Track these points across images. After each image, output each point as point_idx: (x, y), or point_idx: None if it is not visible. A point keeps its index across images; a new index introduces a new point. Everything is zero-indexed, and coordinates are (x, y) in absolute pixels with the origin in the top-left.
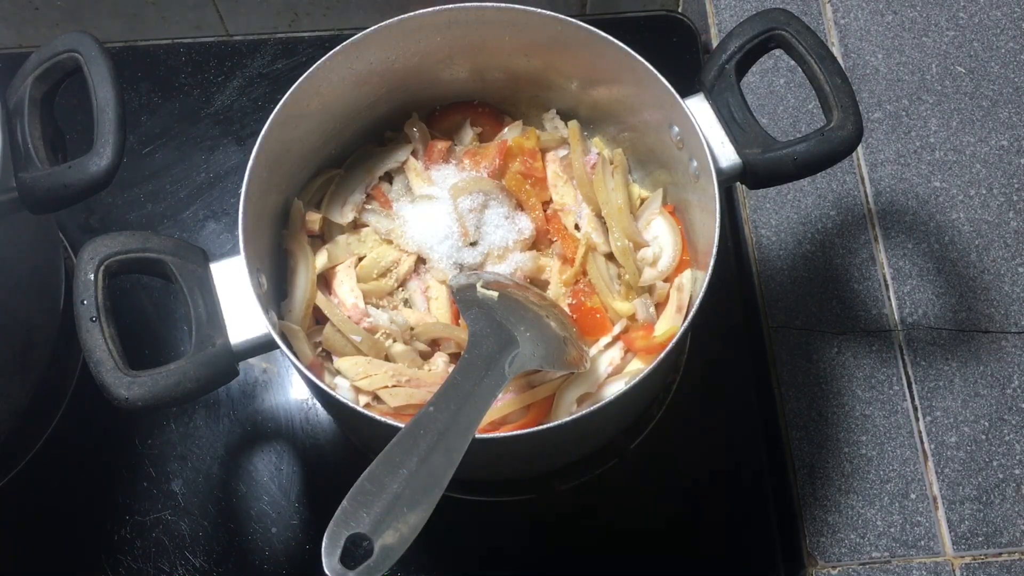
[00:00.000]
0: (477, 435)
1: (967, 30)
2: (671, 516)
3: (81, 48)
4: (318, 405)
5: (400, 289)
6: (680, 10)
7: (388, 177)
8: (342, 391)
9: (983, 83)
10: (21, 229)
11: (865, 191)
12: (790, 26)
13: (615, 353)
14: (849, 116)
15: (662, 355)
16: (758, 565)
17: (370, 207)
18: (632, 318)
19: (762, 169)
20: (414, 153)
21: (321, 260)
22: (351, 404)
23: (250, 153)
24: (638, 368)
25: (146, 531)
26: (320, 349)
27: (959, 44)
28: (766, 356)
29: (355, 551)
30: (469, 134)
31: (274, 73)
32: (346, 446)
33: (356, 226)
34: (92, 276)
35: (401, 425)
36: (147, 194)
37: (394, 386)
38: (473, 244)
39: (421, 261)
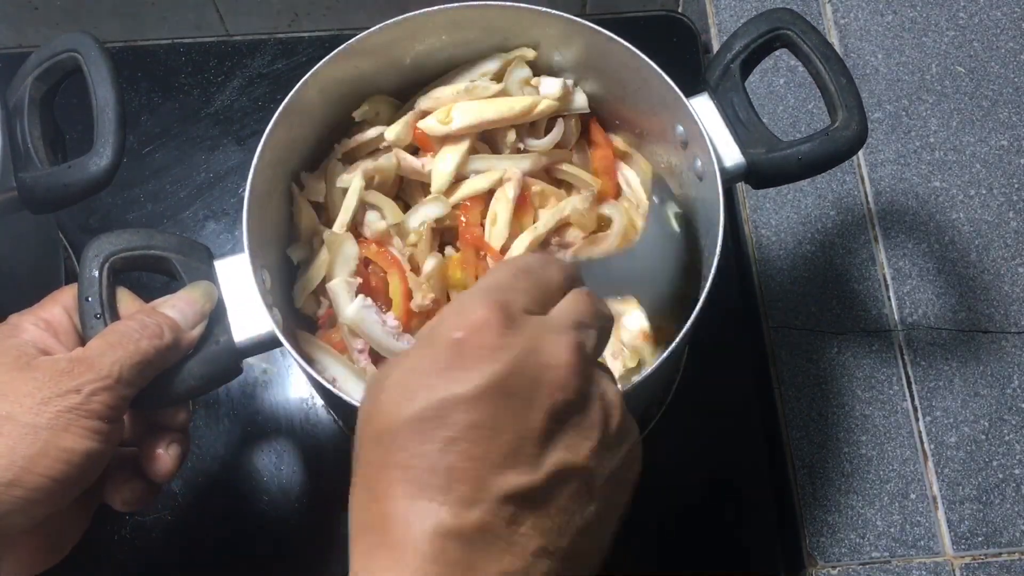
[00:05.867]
0: None
1: (967, 30)
2: (670, 516)
3: (81, 48)
4: (318, 405)
5: None
6: (680, 10)
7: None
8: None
9: (983, 83)
10: (21, 229)
11: (865, 191)
12: (795, 25)
13: None
14: (854, 116)
15: (663, 356)
16: (758, 565)
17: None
18: None
19: (767, 169)
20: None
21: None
22: (354, 401)
23: (250, 153)
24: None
25: (146, 531)
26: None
27: (959, 44)
28: (766, 356)
29: None
30: None
31: (274, 73)
32: (347, 446)
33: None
34: (96, 273)
35: None
36: (147, 194)
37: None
38: None
39: None
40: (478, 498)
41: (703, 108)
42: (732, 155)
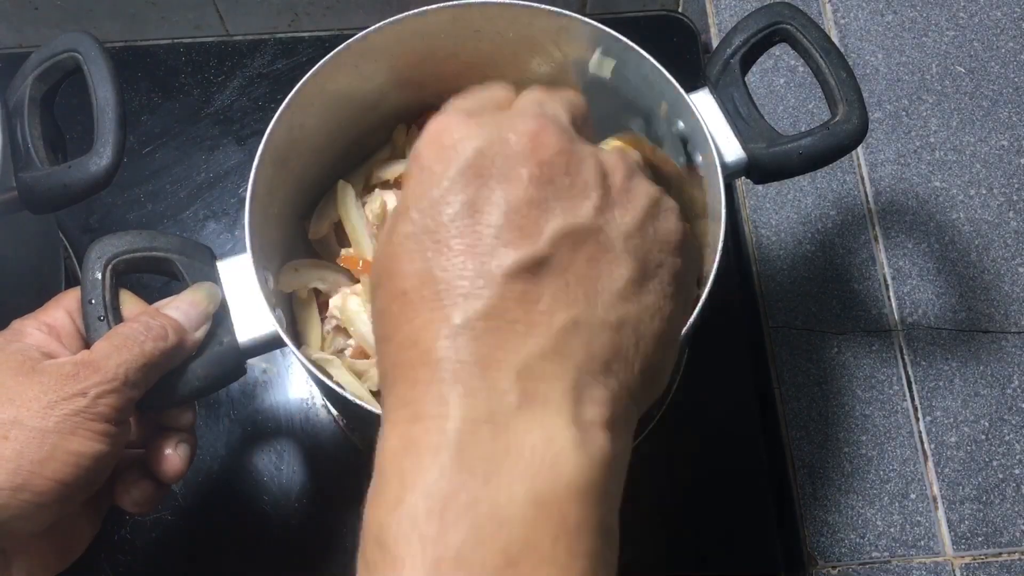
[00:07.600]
0: None
1: (967, 30)
2: (670, 516)
3: (81, 48)
4: (318, 405)
5: None
6: (680, 10)
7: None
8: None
9: (983, 83)
10: (21, 229)
11: (865, 191)
12: (795, 20)
13: None
14: (854, 109)
15: None
16: (758, 565)
17: None
18: None
19: (767, 163)
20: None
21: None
22: (360, 402)
23: (250, 153)
24: None
25: (146, 531)
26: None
27: (959, 44)
28: (766, 356)
29: None
30: None
31: (274, 73)
32: (346, 446)
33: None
34: (100, 275)
35: None
36: (147, 194)
37: None
38: None
39: None
40: (479, 285)
41: (703, 103)
42: (733, 150)
